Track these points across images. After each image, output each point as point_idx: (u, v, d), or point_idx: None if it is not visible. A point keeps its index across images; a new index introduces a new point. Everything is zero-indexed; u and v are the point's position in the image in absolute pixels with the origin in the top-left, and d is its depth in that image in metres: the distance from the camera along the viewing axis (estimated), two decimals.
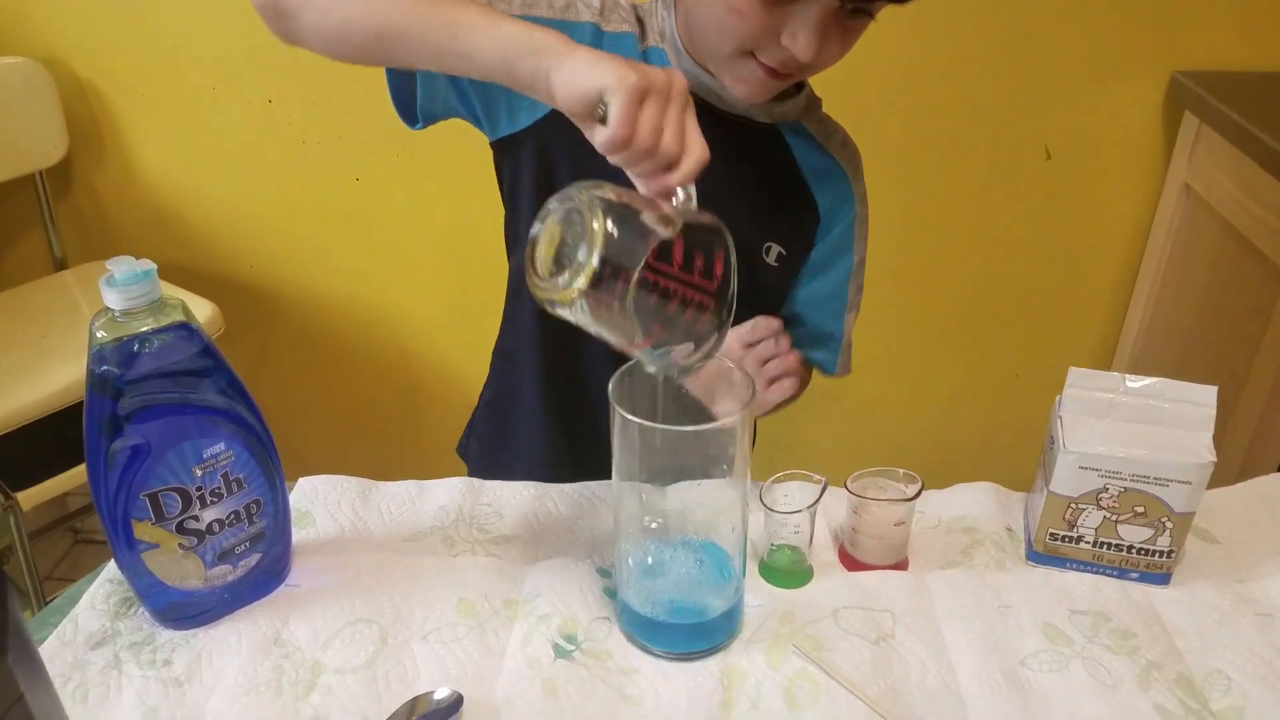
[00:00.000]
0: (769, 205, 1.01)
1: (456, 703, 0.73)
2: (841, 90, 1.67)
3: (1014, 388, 1.96)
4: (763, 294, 1.06)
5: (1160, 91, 1.65)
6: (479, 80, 0.78)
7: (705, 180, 0.95)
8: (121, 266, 0.69)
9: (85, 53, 1.75)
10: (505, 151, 0.99)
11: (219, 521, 0.79)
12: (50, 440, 1.57)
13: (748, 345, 0.93)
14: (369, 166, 1.80)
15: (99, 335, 0.71)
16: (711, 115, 0.95)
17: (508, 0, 0.90)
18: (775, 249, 1.02)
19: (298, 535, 0.91)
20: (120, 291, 0.69)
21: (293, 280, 1.93)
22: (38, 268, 1.89)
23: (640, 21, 0.96)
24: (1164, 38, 1.62)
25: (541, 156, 0.96)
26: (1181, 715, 0.73)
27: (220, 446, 0.77)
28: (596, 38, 0.94)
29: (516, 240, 1.06)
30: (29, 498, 1.57)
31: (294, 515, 0.92)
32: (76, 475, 1.60)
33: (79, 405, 1.55)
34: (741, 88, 0.89)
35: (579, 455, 0.96)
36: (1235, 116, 1.42)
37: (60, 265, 1.87)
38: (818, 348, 1.10)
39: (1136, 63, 1.64)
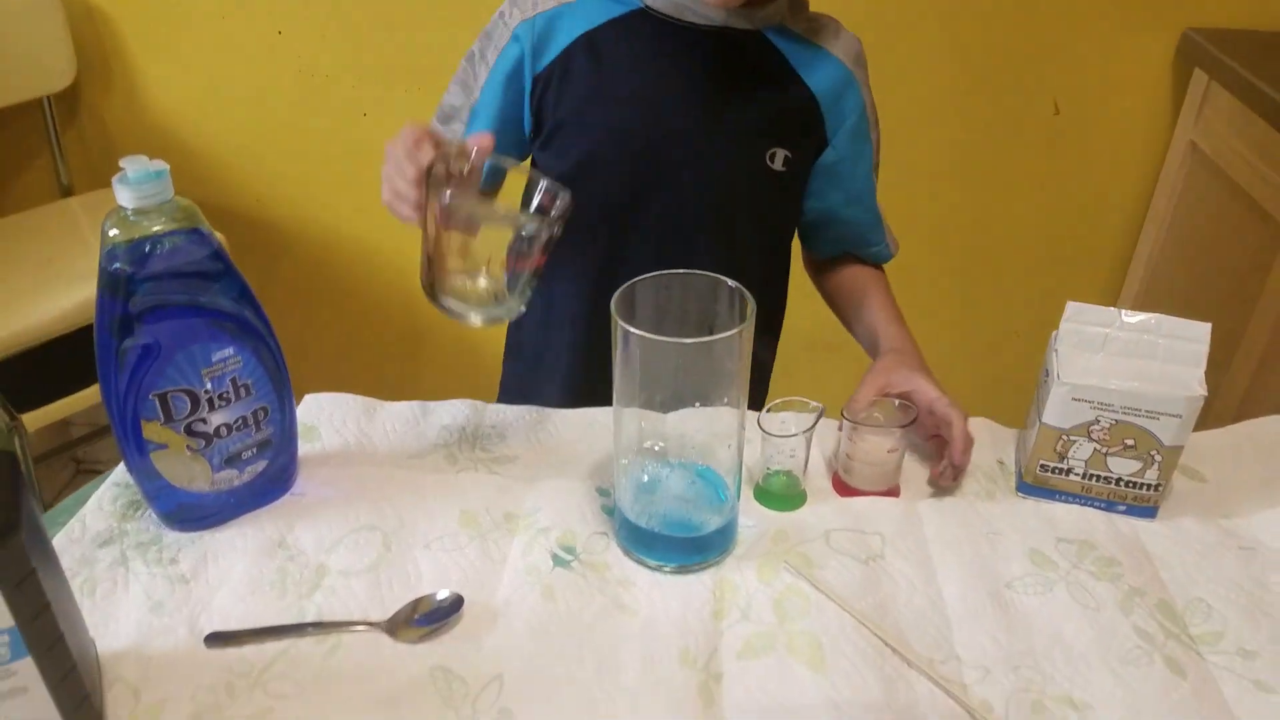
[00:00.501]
0: (765, 111, 1.00)
1: (457, 603, 0.75)
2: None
3: (1012, 341, 1.98)
4: (774, 202, 1.06)
5: (1170, 48, 1.65)
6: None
7: (695, 101, 0.98)
8: (135, 165, 0.71)
9: None
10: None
11: (226, 426, 0.80)
12: (55, 364, 1.58)
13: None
14: (377, 101, 1.80)
15: (111, 234, 0.72)
16: (691, 32, 0.97)
17: (473, 76, 1.05)
18: (781, 153, 1.01)
19: (303, 449, 0.92)
20: (133, 189, 0.71)
21: (298, 214, 1.94)
22: (45, 194, 1.89)
23: None
24: None
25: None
26: (1161, 638, 0.75)
27: (229, 351, 0.78)
28: (530, 29, 1.00)
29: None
30: (34, 420, 1.59)
31: (300, 430, 0.94)
32: (81, 400, 1.61)
33: (84, 330, 1.57)
34: None
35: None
36: (1245, 73, 1.42)
37: (67, 192, 1.87)
38: (864, 245, 1.14)
39: (1148, 19, 1.64)
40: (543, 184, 0.84)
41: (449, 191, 0.78)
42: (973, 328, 1.98)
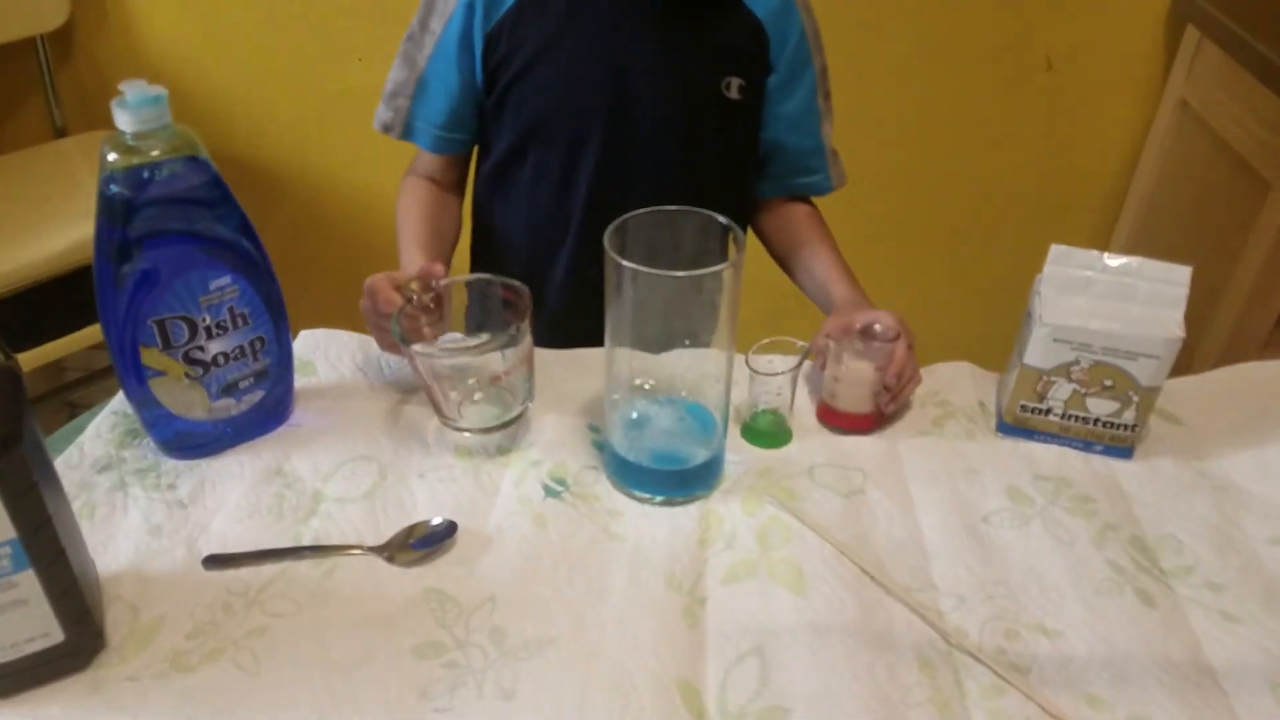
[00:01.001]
0: (714, 41, 1.03)
1: (451, 529, 0.77)
2: None
3: (1001, 299, 1.98)
4: (733, 132, 1.08)
5: (1164, 4, 1.65)
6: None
7: (645, 40, 1.02)
8: (134, 89, 0.71)
9: None
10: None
11: (224, 354, 0.82)
12: (50, 304, 1.59)
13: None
14: (372, 47, 1.79)
15: (110, 159, 0.73)
16: None
17: (419, 46, 1.06)
18: (735, 82, 1.04)
19: (299, 383, 0.94)
20: (132, 114, 0.71)
21: (291, 159, 1.94)
22: (39, 134, 1.89)
23: None
24: None
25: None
26: (1133, 571, 0.77)
27: (226, 280, 0.79)
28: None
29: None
30: (28, 360, 1.59)
31: (296, 365, 0.95)
32: (76, 340, 1.62)
33: (78, 270, 1.57)
34: None
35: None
36: (1236, 28, 1.42)
37: (61, 133, 1.86)
38: (805, 173, 1.14)
39: None
40: (498, 283, 0.87)
41: (416, 348, 0.82)
42: (963, 278, 2.00)
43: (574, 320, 1.12)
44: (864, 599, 0.73)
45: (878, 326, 0.91)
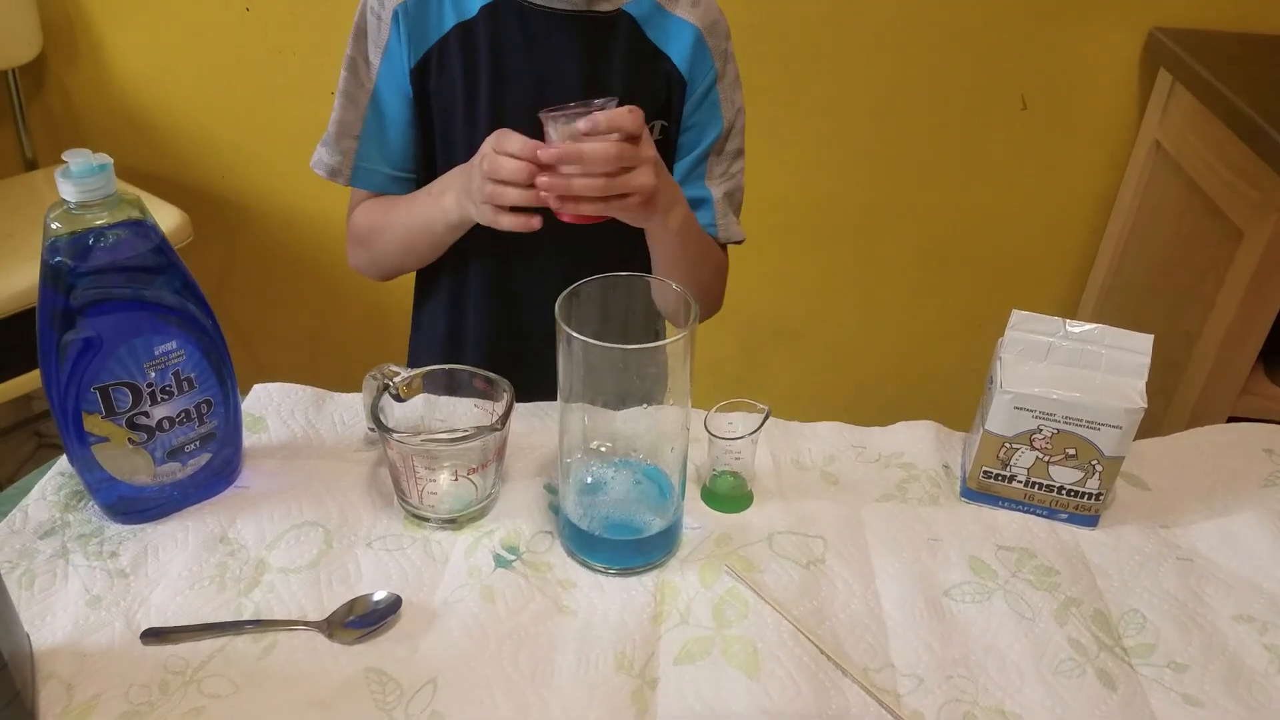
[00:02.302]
0: (637, 87, 1.02)
1: (395, 604, 0.75)
2: (824, 27, 1.67)
3: (979, 335, 1.98)
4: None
5: (1138, 47, 1.65)
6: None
7: (570, 85, 1.01)
8: (78, 159, 0.70)
9: None
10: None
11: (169, 419, 0.80)
12: (12, 340, 1.57)
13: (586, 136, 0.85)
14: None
15: (53, 227, 0.71)
16: (555, 20, 0.99)
17: (358, 79, 1.03)
18: (659, 124, 1.03)
19: (250, 440, 0.92)
20: (76, 184, 0.70)
21: (263, 191, 1.92)
22: (7, 166, 1.87)
23: None
24: None
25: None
26: (1095, 649, 0.76)
27: (172, 345, 0.78)
28: (405, 16, 0.99)
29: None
30: None
31: (247, 420, 0.94)
32: (36, 378, 1.60)
33: None
34: None
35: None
36: (1206, 75, 1.42)
37: (31, 165, 1.84)
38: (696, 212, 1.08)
39: (1116, 16, 1.64)
40: (479, 376, 0.88)
41: (395, 436, 0.81)
42: (937, 318, 1.99)
43: (499, 357, 1.11)
44: (819, 681, 0.71)
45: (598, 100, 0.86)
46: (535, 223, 0.87)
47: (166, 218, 1.63)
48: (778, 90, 1.71)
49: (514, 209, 0.88)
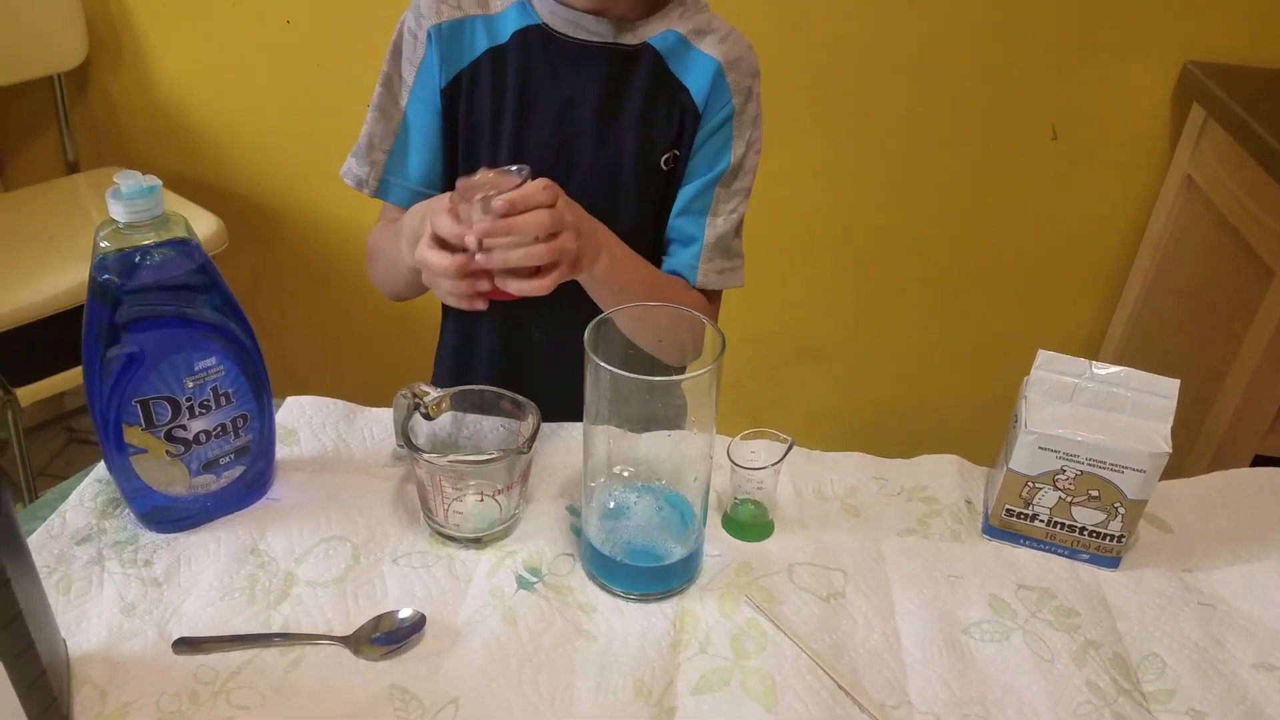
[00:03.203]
0: (655, 117, 1.02)
1: (419, 623, 0.76)
2: (855, 50, 1.68)
3: (1003, 364, 1.98)
4: (664, 202, 1.07)
5: (1171, 80, 1.65)
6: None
7: (593, 114, 1.02)
8: (128, 180, 0.72)
9: None
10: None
11: (206, 432, 0.82)
12: (51, 340, 1.59)
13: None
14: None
15: (102, 245, 0.74)
16: (582, 50, 1.00)
17: (391, 93, 1.05)
18: (670, 153, 1.04)
19: (282, 452, 0.94)
20: (125, 204, 0.72)
21: (297, 200, 1.95)
22: (50, 169, 1.91)
23: None
24: (1179, 25, 1.62)
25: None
26: (1113, 694, 0.76)
27: (212, 361, 0.79)
28: (439, 36, 1.01)
29: None
30: (28, 394, 1.60)
31: (279, 432, 0.95)
32: (75, 376, 1.63)
33: (82, 308, 1.58)
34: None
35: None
36: (1240, 111, 1.42)
37: (72, 168, 1.88)
38: (678, 250, 1.07)
39: (1150, 49, 1.64)
40: (506, 398, 0.90)
41: (427, 457, 0.82)
42: (965, 348, 1.99)
43: (514, 373, 1.14)
44: (837, 716, 0.72)
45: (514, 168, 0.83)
46: (480, 304, 0.85)
47: (203, 224, 1.66)
48: (805, 112, 1.73)
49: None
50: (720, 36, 1.03)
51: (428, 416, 0.88)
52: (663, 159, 1.04)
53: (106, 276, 0.74)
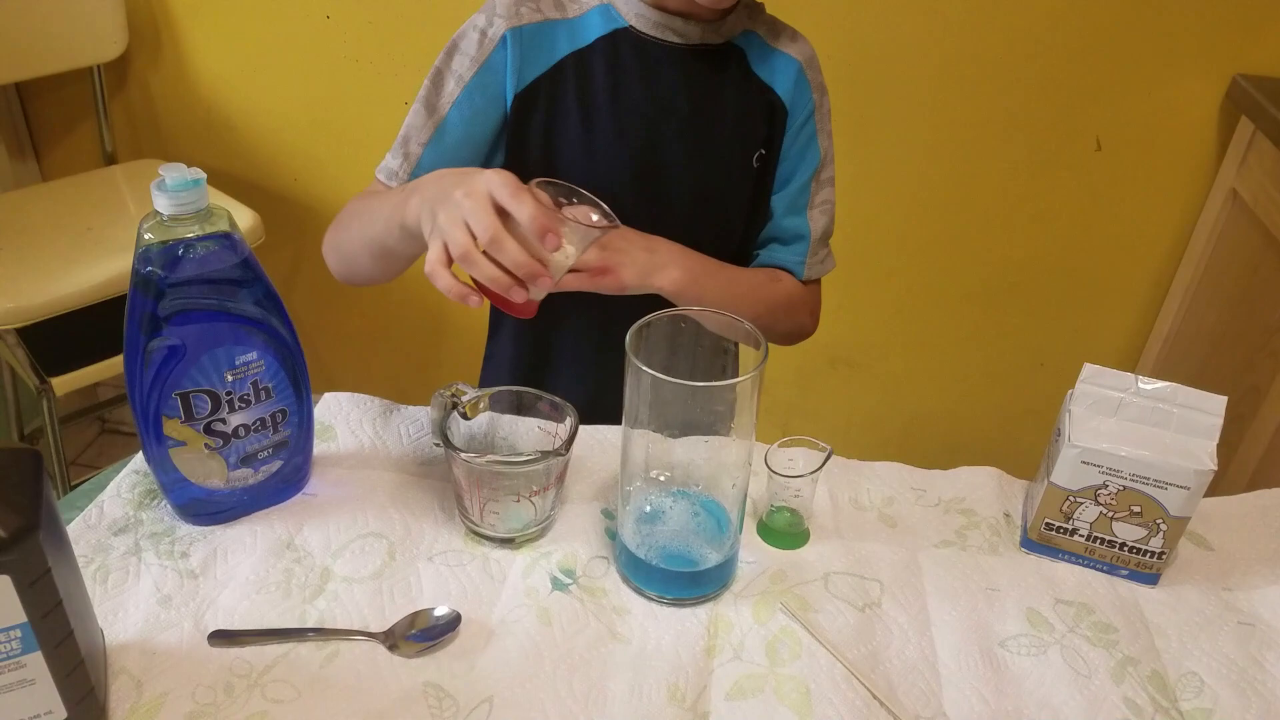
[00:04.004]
0: (745, 117, 1.05)
1: (455, 621, 0.76)
2: (897, 58, 1.67)
3: (1039, 375, 1.96)
4: (759, 196, 1.10)
5: (1219, 93, 1.63)
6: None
7: (684, 114, 1.04)
8: (173, 173, 0.72)
9: None
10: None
11: (245, 426, 0.82)
12: (87, 330, 1.61)
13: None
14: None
15: (146, 237, 0.74)
16: (672, 52, 1.01)
17: (445, 91, 1.02)
18: (758, 152, 1.06)
19: (318, 448, 0.94)
20: (170, 197, 0.72)
21: (334, 195, 1.96)
22: (88, 160, 1.93)
23: None
24: (1229, 38, 1.60)
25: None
26: (1150, 712, 0.75)
27: (252, 355, 0.80)
28: (517, 40, 1.00)
29: None
30: (62, 384, 1.62)
31: (316, 428, 0.96)
32: (109, 367, 1.64)
33: (118, 299, 1.59)
34: None
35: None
36: None
37: (110, 160, 1.90)
38: (783, 247, 1.11)
39: (1199, 61, 1.62)
40: (544, 399, 0.90)
41: (464, 457, 0.82)
42: (1006, 357, 1.98)
43: (594, 374, 1.13)
44: None
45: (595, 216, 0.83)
46: (474, 301, 0.81)
47: (241, 219, 1.67)
48: (845, 121, 1.70)
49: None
50: (791, 35, 1.06)
51: (465, 416, 0.88)
52: (754, 157, 1.06)
53: (150, 269, 0.74)
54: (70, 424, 2.18)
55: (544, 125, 1.03)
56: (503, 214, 0.78)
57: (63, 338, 1.60)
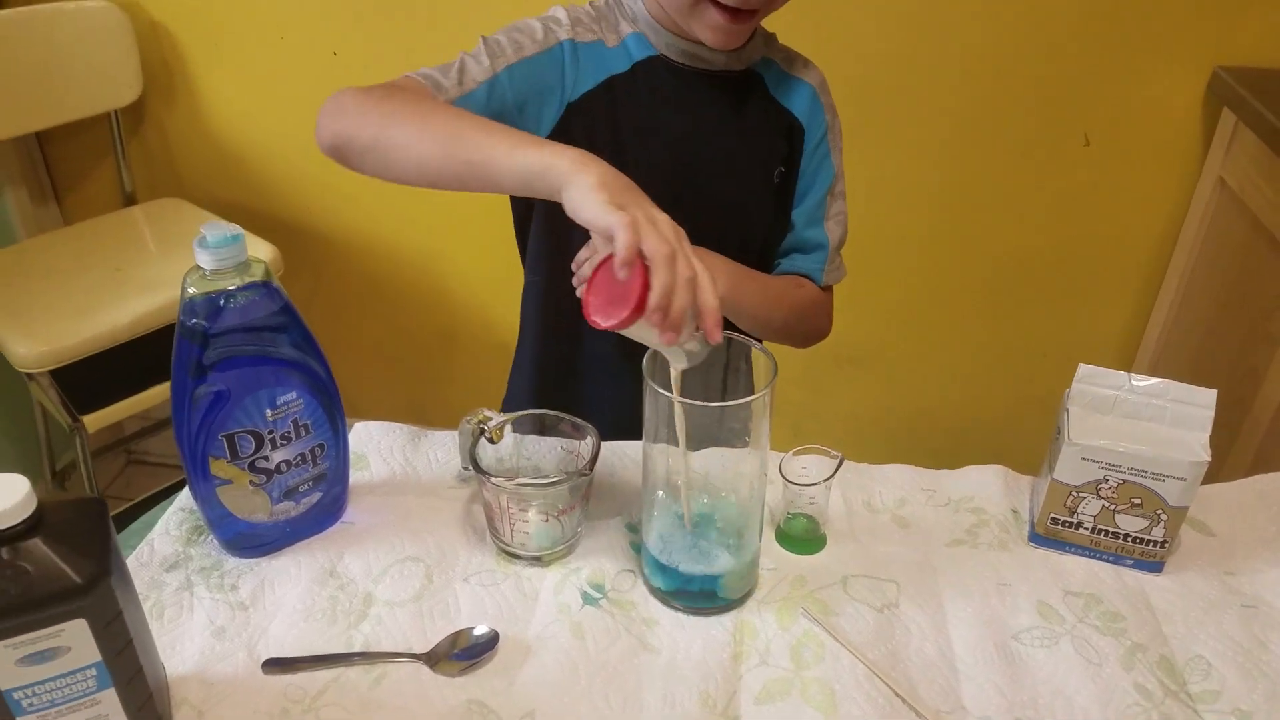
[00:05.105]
0: (767, 137, 1.12)
1: (493, 639, 0.81)
2: (888, 61, 1.71)
3: (1040, 368, 2.00)
4: (779, 211, 1.16)
5: (1201, 85, 1.66)
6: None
7: (713, 135, 1.09)
8: (214, 230, 0.76)
9: None
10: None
11: (286, 462, 0.87)
12: (117, 368, 1.65)
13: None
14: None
15: (190, 290, 0.78)
16: (700, 77, 1.07)
17: (504, 53, 1.01)
18: (779, 170, 1.13)
19: (353, 477, 0.98)
20: (212, 253, 0.76)
21: (346, 225, 2.01)
22: (108, 202, 1.98)
23: (605, 19, 1.07)
24: (1207, 31, 1.63)
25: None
26: (1160, 695, 0.79)
27: (292, 395, 0.84)
28: (574, 52, 1.04)
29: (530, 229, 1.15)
30: (94, 421, 1.67)
31: (350, 458, 1.00)
32: (138, 402, 1.69)
33: (146, 337, 1.63)
34: (715, 36, 0.99)
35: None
36: (1270, 116, 1.43)
37: (129, 200, 1.95)
38: (805, 254, 1.18)
39: (1180, 55, 1.66)
40: (566, 421, 0.94)
41: (494, 480, 0.87)
42: (1005, 350, 2.01)
43: (626, 391, 1.16)
44: None
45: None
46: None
47: (259, 252, 1.71)
48: (841, 122, 1.76)
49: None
50: (804, 63, 1.13)
51: (491, 441, 0.92)
52: (775, 173, 1.13)
53: (195, 320, 0.78)
54: (99, 457, 2.24)
55: (586, 138, 1.05)
56: None
57: (93, 376, 1.65)
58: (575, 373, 1.19)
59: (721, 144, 1.09)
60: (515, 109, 1.02)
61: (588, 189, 0.76)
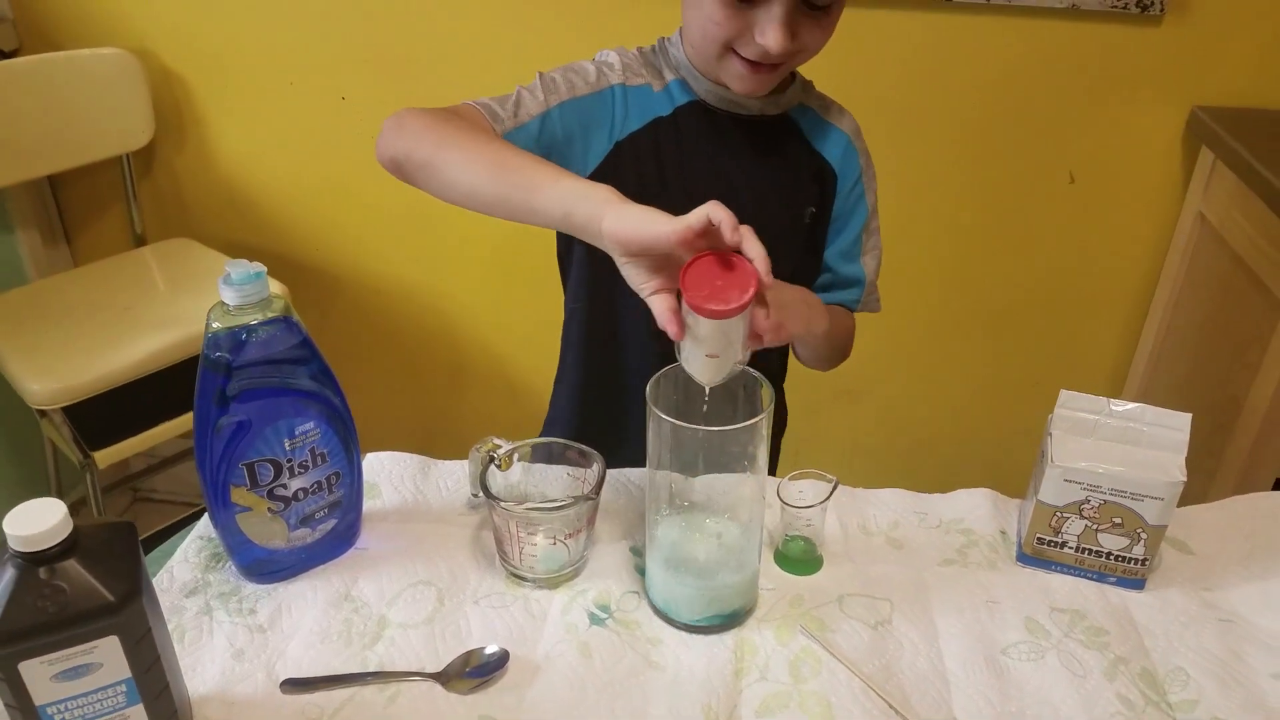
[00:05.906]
0: (799, 179, 1.17)
1: (504, 658, 0.84)
2: (880, 104, 1.77)
3: (1032, 396, 2.04)
4: (805, 253, 1.21)
5: (1180, 124, 1.73)
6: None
7: (746, 175, 1.14)
8: (238, 268, 0.81)
9: (173, 45, 1.89)
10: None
11: (304, 490, 0.90)
12: (127, 406, 1.69)
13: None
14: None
15: (214, 325, 0.82)
16: (736, 121, 1.12)
17: (558, 90, 1.06)
18: (810, 210, 1.18)
19: (366, 505, 1.02)
20: (235, 289, 0.81)
21: (353, 264, 2.05)
22: (118, 243, 2.02)
23: (651, 65, 1.12)
24: (1187, 72, 1.70)
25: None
26: (1142, 705, 0.82)
27: (310, 425, 0.88)
28: (624, 94, 1.09)
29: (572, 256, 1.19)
30: (104, 457, 1.70)
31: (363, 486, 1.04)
32: (149, 438, 1.72)
33: (156, 375, 1.67)
34: (739, 84, 1.04)
35: (610, 445, 1.07)
36: (1245, 154, 1.49)
37: (140, 241, 2.00)
38: (843, 290, 1.23)
39: (1159, 95, 1.72)
40: (572, 449, 0.98)
41: (503, 505, 0.91)
42: (998, 381, 2.06)
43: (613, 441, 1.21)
44: None
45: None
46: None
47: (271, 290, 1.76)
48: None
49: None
50: (839, 111, 1.18)
51: (500, 468, 0.96)
52: (806, 212, 1.17)
53: (218, 353, 0.83)
54: (105, 494, 2.26)
55: (635, 174, 1.10)
56: None
57: (104, 414, 1.68)
58: (615, 390, 1.23)
59: (754, 184, 1.14)
60: (564, 142, 1.07)
61: (634, 208, 0.84)
